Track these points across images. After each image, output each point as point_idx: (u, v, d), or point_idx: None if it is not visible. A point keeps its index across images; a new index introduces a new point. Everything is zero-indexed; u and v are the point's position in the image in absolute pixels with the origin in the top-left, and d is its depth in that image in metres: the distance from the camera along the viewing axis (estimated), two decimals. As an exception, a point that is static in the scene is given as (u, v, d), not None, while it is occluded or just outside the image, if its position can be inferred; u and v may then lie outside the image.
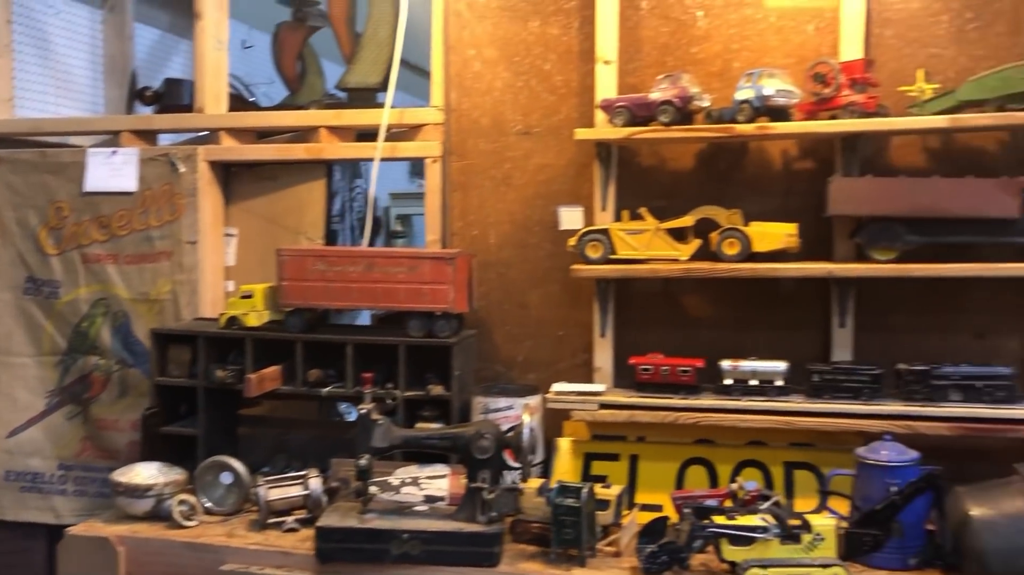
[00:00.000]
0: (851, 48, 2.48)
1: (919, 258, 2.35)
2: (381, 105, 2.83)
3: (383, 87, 2.89)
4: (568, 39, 2.74)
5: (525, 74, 2.78)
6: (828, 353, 2.55)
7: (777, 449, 2.49)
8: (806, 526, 2.00)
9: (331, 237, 3.17)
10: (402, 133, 2.90)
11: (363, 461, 2.17)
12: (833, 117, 2.38)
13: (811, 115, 2.43)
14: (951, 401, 2.31)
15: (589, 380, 2.68)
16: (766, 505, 2.08)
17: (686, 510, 2.09)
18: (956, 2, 2.49)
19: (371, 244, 3.18)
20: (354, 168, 3.62)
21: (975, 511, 1.93)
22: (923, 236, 2.32)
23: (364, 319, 3.43)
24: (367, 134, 2.90)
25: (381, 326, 3.07)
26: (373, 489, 2.23)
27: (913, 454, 2.13)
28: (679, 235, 2.55)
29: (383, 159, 2.85)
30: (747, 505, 2.16)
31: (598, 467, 2.56)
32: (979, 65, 2.41)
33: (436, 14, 2.82)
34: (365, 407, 2.21)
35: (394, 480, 2.40)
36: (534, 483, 2.27)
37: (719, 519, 2.03)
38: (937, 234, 2.31)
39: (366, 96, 3.01)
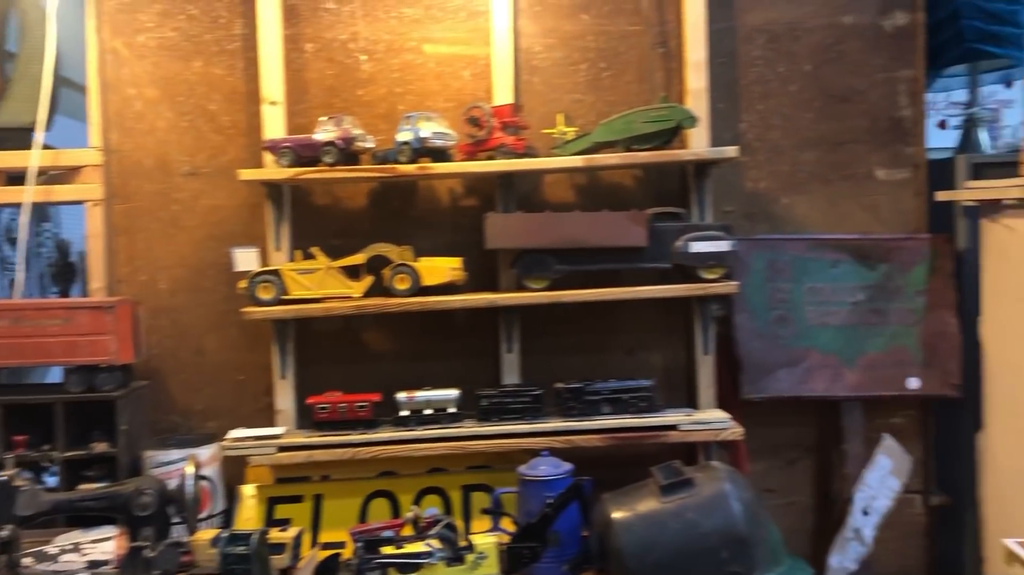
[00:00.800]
0: (503, 93, 2.67)
1: (571, 285, 2.55)
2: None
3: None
4: (233, 80, 2.71)
5: (190, 114, 2.72)
6: (500, 378, 2.70)
7: (456, 474, 2.59)
8: (469, 546, 2.10)
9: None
10: (60, 175, 2.72)
11: (5, 532, 1.99)
12: (490, 158, 2.55)
13: (470, 156, 2.58)
14: (603, 414, 2.53)
15: (272, 424, 2.65)
16: (434, 530, 2.16)
17: (358, 544, 2.11)
18: (592, 53, 2.75)
19: (65, 293, 2.94)
20: (41, 211, 3.34)
21: (615, 514, 2.11)
22: (570, 265, 2.53)
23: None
24: (20, 177, 2.69)
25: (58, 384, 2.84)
26: (27, 561, 2.06)
27: (567, 467, 2.30)
28: (353, 273, 2.59)
29: (37, 203, 2.66)
30: (425, 531, 2.23)
31: (282, 510, 2.53)
32: (614, 109, 2.68)
33: (90, 52, 2.69)
34: (6, 474, 2.04)
35: (52, 549, 2.23)
36: (207, 534, 2.21)
37: (387, 550, 2.08)
38: (581, 263, 2.53)
39: (21, 136, 2.80)
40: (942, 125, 3.53)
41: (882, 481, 2.69)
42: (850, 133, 2.79)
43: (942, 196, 2.67)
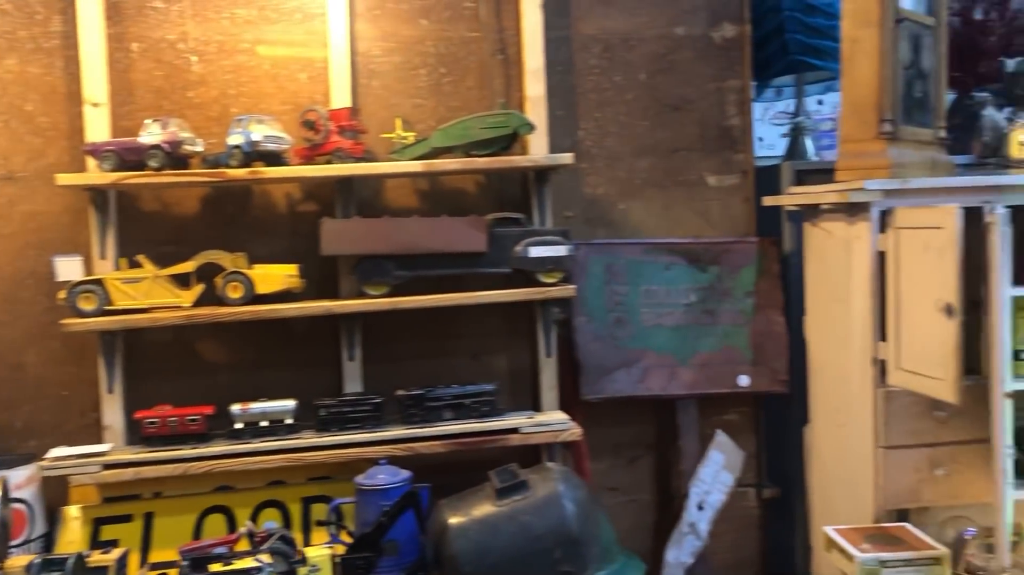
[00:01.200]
0: (341, 97, 2.63)
1: (413, 290, 2.54)
2: None
3: None
4: (52, 79, 2.57)
5: (4, 114, 2.56)
6: (342, 387, 2.66)
7: (296, 486, 2.54)
8: (302, 559, 2.05)
9: None
10: None
11: None
12: (328, 162, 2.50)
13: (308, 160, 2.53)
14: (445, 420, 2.52)
15: (100, 440, 2.52)
16: (267, 544, 2.10)
17: (183, 563, 2.04)
18: (432, 58, 2.75)
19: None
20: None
21: (451, 520, 2.11)
22: (410, 271, 2.51)
23: None
24: None
25: None
26: None
27: (405, 474, 2.28)
28: (184, 281, 2.50)
29: None
30: (260, 545, 2.16)
31: (109, 531, 2.41)
32: (455, 115, 2.69)
33: None
34: None
35: None
36: (21, 561, 2.07)
37: (215, 567, 2.01)
38: (421, 268, 2.52)
39: None
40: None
41: (716, 476, 2.79)
42: (683, 141, 2.89)
43: (768, 201, 2.80)
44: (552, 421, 2.58)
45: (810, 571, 2.71)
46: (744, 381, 2.82)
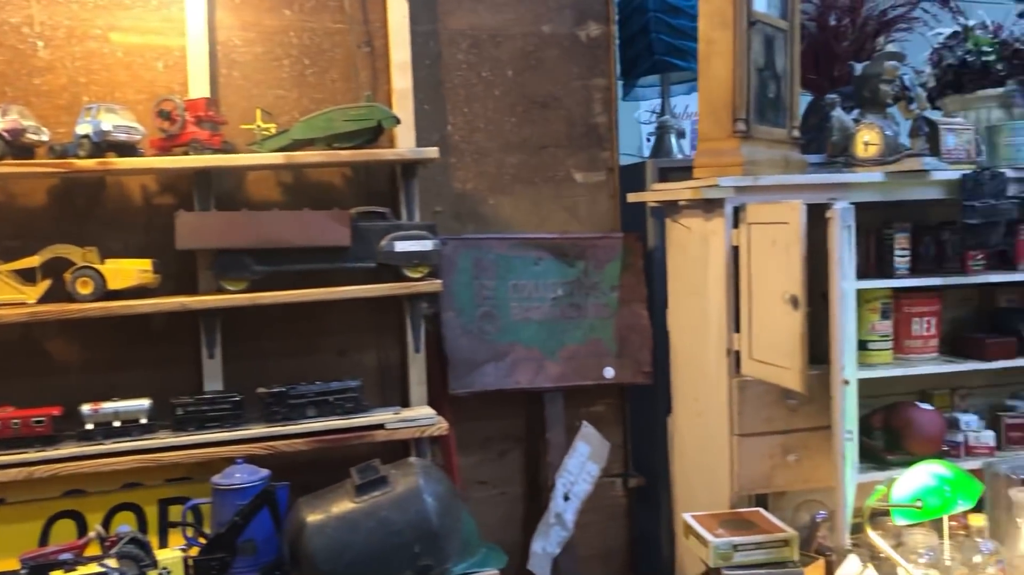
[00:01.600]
0: (199, 87, 2.56)
1: (278, 286, 2.49)
2: None
3: None
4: None
5: None
6: (202, 385, 2.58)
7: (153, 488, 2.45)
8: (153, 563, 1.98)
9: None
10: None
11: None
12: (185, 153, 2.43)
13: (164, 151, 2.45)
14: (308, 417, 2.48)
15: (-63, 445, 2.38)
16: (115, 548, 2.02)
17: (22, 571, 1.94)
18: (295, 50, 2.70)
19: None
20: None
21: (309, 517, 2.08)
22: (270, 266, 2.46)
23: None
24: None
25: None
26: None
27: (263, 473, 2.24)
28: (30, 277, 2.38)
29: None
30: (110, 549, 2.08)
31: (-55, 542, 2.28)
32: (319, 107, 2.64)
33: None
34: None
35: None
36: None
37: (57, 574, 1.92)
38: (282, 263, 2.47)
39: None
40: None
41: (582, 467, 2.84)
42: (550, 137, 2.93)
43: (632, 198, 2.86)
44: (419, 416, 2.57)
45: (675, 558, 2.79)
46: (610, 373, 2.87)
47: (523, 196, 2.91)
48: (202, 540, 2.23)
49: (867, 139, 2.56)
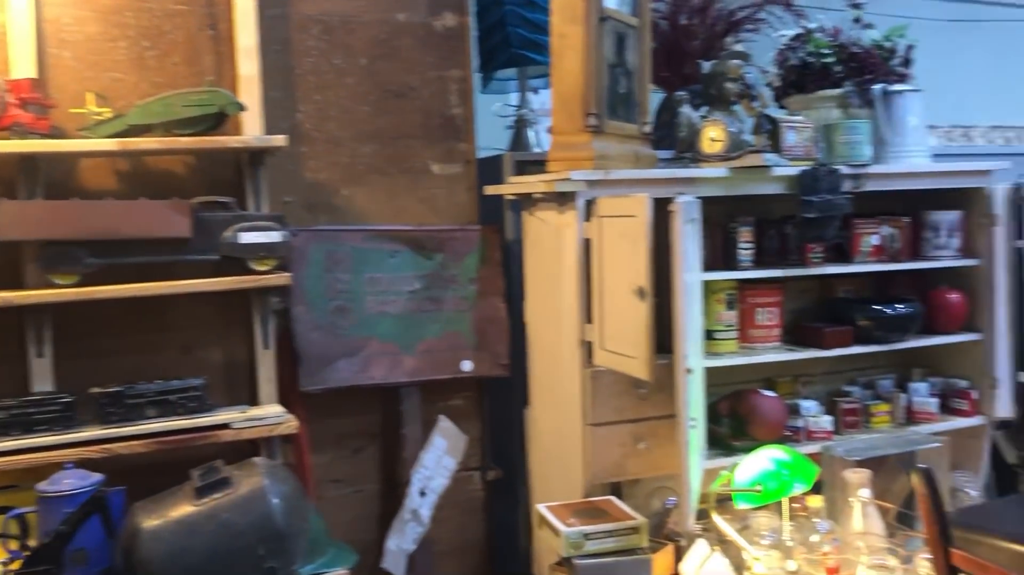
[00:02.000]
0: (24, 67, 2.38)
1: (112, 279, 2.35)
2: None
3: None
4: None
5: None
6: (30, 387, 2.41)
7: (-27, 498, 2.28)
8: (-34, 579, 1.84)
9: None
10: None
11: None
12: (7, 138, 2.26)
13: (-16, 135, 2.27)
14: (147, 418, 2.36)
15: None
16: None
17: None
18: (133, 31, 2.55)
19: None
20: None
21: (145, 523, 1.98)
22: (105, 258, 2.32)
23: None
24: None
25: None
26: None
27: (95, 478, 2.11)
28: None
29: None
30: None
31: None
32: (160, 91, 2.49)
33: None
34: None
35: None
36: None
37: None
38: (118, 255, 2.33)
39: None
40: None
41: (438, 461, 2.81)
42: (406, 128, 2.88)
43: (489, 190, 2.85)
44: (267, 415, 2.48)
45: (531, 549, 2.80)
46: (467, 366, 2.86)
47: (378, 187, 2.86)
48: (27, 553, 2.08)
49: (712, 135, 2.63)
